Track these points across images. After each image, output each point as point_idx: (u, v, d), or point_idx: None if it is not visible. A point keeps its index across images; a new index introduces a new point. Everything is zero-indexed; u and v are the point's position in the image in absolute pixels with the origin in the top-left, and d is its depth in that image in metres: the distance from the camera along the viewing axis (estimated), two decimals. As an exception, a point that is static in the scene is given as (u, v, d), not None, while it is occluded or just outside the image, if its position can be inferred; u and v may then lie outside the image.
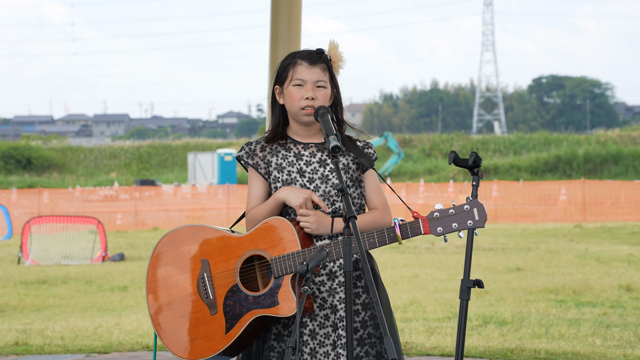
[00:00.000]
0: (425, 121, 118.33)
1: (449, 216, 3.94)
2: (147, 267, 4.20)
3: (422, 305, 10.71)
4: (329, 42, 4.20)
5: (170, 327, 4.12)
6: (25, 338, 8.89)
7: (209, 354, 4.05)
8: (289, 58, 4.18)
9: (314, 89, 4.12)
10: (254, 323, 4.00)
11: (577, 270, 14.46)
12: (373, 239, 3.96)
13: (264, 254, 4.01)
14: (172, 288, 4.13)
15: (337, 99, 4.21)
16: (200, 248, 4.12)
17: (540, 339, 8.39)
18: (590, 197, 30.06)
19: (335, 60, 4.18)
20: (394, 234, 3.95)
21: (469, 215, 3.93)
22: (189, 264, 4.12)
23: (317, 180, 4.12)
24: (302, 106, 4.11)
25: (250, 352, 4.13)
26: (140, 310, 11.18)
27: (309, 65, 4.12)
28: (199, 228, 4.15)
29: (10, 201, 34.66)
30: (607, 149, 54.01)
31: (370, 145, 4.24)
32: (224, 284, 4.05)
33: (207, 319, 4.06)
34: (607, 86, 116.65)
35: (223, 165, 49.91)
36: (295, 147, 4.17)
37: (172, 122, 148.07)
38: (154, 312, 4.16)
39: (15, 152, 63.30)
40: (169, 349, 4.13)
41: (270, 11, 6.68)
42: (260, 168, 4.17)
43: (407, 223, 3.96)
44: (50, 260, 18.32)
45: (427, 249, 18.81)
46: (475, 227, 3.94)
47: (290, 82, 4.13)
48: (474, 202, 3.94)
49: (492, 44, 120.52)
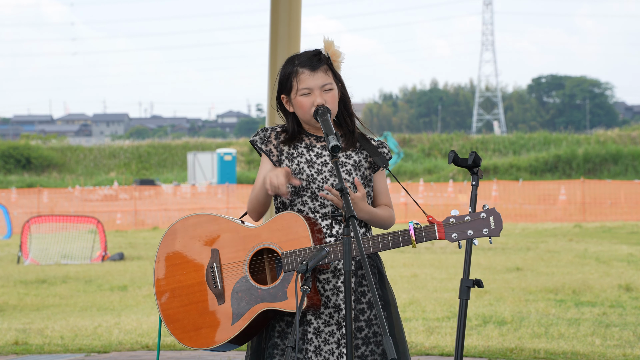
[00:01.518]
0: (425, 121, 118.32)
1: (464, 223, 3.95)
2: (157, 254, 4.19)
3: (421, 305, 10.71)
4: (324, 41, 4.20)
5: (176, 315, 4.12)
6: (25, 337, 8.88)
7: (213, 343, 4.05)
8: (289, 66, 4.17)
9: (322, 93, 4.12)
10: (261, 316, 4.01)
11: (577, 270, 14.46)
12: (387, 241, 3.97)
13: (275, 247, 4.02)
14: (180, 275, 4.13)
15: (343, 93, 4.21)
16: (211, 237, 4.11)
17: (539, 339, 8.39)
18: (590, 197, 30.06)
19: (334, 57, 4.18)
20: (408, 237, 3.96)
21: (485, 224, 3.94)
22: (199, 253, 4.12)
23: (326, 172, 4.13)
24: (313, 113, 4.11)
25: (258, 349, 4.14)
26: (140, 310, 11.19)
27: (311, 72, 4.12)
28: (210, 217, 4.15)
29: (10, 201, 34.67)
30: (606, 149, 54.01)
31: (384, 145, 4.24)
32: (233, 274, 4.05)
33: (214, 309, 4.05)
34: (607, 86, 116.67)
35: (222, 164, 49.88)
36: (307, 139, 4.19)
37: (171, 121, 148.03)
38: (161, 298, 4.15)
39: (14, 151, 63.28)
40: (173, 336, 4.13)
41: (270, 11, 6.68)
42: (272, 155, 4.18)
43: (422, 227, 3.97)
44: (50, 259, 18.32)
45: (426, 248, 18.82)
46: (491, 236, 3.95)
47: (298, 93, 4.13)
48: (491, 211, 3.95)
49: (491, 43, 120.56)
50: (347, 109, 4.22)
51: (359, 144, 4.20)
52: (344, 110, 4.22)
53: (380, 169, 4.21)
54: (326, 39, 4.20)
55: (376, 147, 4.20)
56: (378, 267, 4.19)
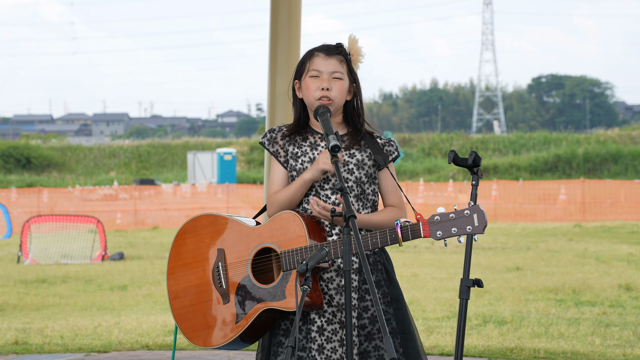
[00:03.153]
0: (425, 120, 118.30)
1: (449, 220, 3.93)
2: (169, 254, 4.26)
3: (421, 305, 10.71)
4: (349, 37, 4.22)
5: (186, 314, 4.17)
6: (25, 337, 8.88)
7: (219, 342, 4.08)
8: (307, 53, 4.21)
9: (330, 79, 4.13)
10: (264, 315, 4.03)
11: (577, 269, 14.46)
12: (375, 239, 3.97)
13: (275, 246, 4.03)
14: (190, 275, 4.18)
15: (356, 94, 4.21)
16: (217, 237, 4.16)
17: (539, 338, 8.39)
18: (590, 197, 30.06)
19: (355, 54, 4.20)
20: (395, 235, 3.95)
21: (468, 221, 3.91)
22: (206, 253, 4.17)
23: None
24: (317, 97, 4.12)
25: (265, 347, 4.16)
26: (140, 310, 11.19)
27: (325, 57, 4.14)
28: (218, 217, 4.21)
29: (10, 200, 34.66)
30: (606, 149, 54.00)
31: (392, 143, 4.23)
32: (237, 274, 4.08)
33: (220, 308, 4.09)
34: (607, 85, 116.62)
35: (222, 164, 49.86)
36: (312, 137, 4.20)
37: (171, 121, 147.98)
38: (172, 297, 4.21)
39: (14, 151, 63.27)
40: (185, 336, 4.17)
41: (269, 10, 6.68)
42: (280, 156, 4.21)
43: (408, 225, 3.95)
44: (50, 259, 18.31)
45: (426, 248, 18.83)
46: (474, 233, 3.91)
47: (307, 74, 4.15)
48: (475, 208, 3.91)
49: (491, 43, 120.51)
50: (357, 108, 4.22)
51: (364, 142, 4.19)
52: (354, 109, 4.22)
53: (384, 167, 4.20)
54: (352, 36, 4.21)
55: (382, 145, 4.19)
56: (384, 264, 4.18)
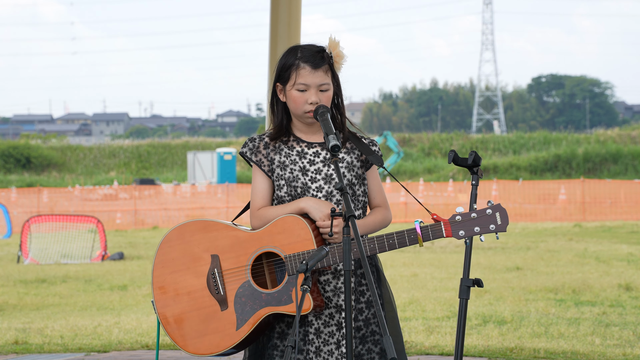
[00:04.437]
0: (425, 120, 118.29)
1: (471, 220, 3.93)
2: (154, 262, 4.14)
3: (421, 305, 10.70)
4: (329, 40, 4.15)
5: (177, 322, 4.07)
6: (25, 337, 8.88)
7: (218, 349, 4.02)
8: (292, 57, 4.12)
9: (318, 93, 4.07)
10: (266, 320, 3.99)
11: (577, 269, 14.46)
12: (393, 240, 3.95)
13: (278, 251, 3.99)
14: (181, 283, 4.08)
15: (337, 94, 4.16)
16: (210, 243, 4.07)
17: (539, 338, 8.39)
18: (590, 197, 30.06)
19: (337, 58, 4.13)
20: (414, 235, 3.94)
21: (491, 220, 3.93)
22: (198, 259, 4.07)
23: (320, 180, 4.09)
24: (306, 110, 4.07)
25: (256, 351, 4.12)
26: (140, 309, 11.18)
27: (312, 70, 4.07)
28: (208, 223, 4.10)
29: (10, 200, 34.65)
30: (606, 148, 54.01)
31: (374, 142, 4.20)
32: (235, 280, 4.02)
33: (218, 315, 4.02)
34: (607, 85, 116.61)
35: (222, 164, 49.88)
36: (298, 145, 4.13)
37: (171, 121, 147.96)
38: (161, 306, 4.09)
39: (14, 151, 63.28)
40: (176, 344, 4.08)
41: (269, 10, 6.68)
42: (263, 165, 4.13)
43: (428, 226, 3.94)
44: (50, 259, 18.31)
45: (426, 247, 18.81)
46: (498, 232, 3.94)
47: (294, 86, 4.08)
48: (497, 207, 3.94)
49: (491, 43, 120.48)
50: (339, 109, 4.17)
51: (351, 144, 4.16)
52: (336, 110, 4.17)
53: (372, 167, 4.17)
54: (332, 39, 4.14)
55: (368, 145, 4.16)
56: (376, 266, 4.18)
